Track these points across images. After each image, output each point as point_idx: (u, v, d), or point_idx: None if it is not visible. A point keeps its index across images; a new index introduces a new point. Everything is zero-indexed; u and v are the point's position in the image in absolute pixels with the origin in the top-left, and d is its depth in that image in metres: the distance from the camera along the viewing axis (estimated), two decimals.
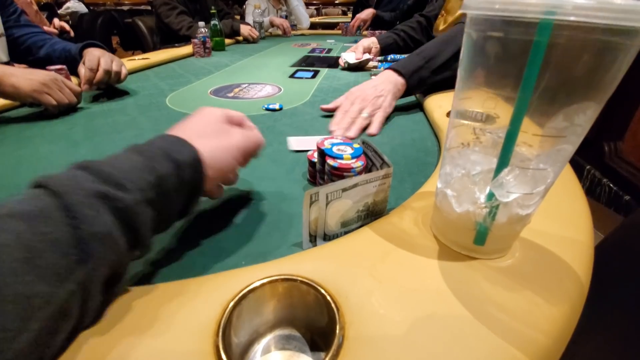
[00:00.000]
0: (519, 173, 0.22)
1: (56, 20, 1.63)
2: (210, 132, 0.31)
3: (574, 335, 0.23)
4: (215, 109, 0.35)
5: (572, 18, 0.18)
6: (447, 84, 0.68)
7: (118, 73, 0.79)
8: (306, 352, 0.25)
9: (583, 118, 0.22)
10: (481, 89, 0.24)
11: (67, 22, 2.61)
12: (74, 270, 0.18)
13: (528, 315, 0.22)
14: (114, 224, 0.21)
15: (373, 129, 0.58)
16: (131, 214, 0.22)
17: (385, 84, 0.63)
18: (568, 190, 0.37)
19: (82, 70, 0.75)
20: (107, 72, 0.76)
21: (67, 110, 0.68)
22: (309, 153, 0.41)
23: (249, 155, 0.34)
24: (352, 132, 0.52)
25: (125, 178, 0.23)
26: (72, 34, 1.67)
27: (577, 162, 1.61)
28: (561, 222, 0.31)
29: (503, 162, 0.22)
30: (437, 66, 0.65)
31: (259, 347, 0.25)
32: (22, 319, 0.16)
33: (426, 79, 0.66)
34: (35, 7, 1.56)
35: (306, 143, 0.54)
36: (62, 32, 1.62)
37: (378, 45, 1.15)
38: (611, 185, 1.59)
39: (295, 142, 0.54)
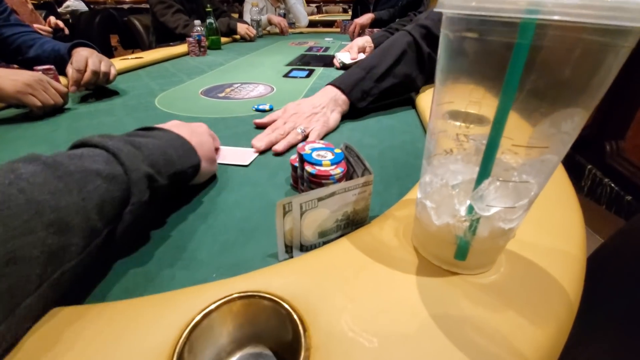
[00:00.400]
0: (499, 185, 0.20)
1: (52, 18, 1.62)
2: (204, 148, 0.40)
3: (563, 351, 0.22)
4: (205, 128, 0.45)
5: (556, 17, 0.16)
6: (397, 92, 0.68)
7: (107, 74, 0.77)
8: None
9: (571, 125, 0.20)
10: (462, 93, 0.23)
11: (66, 20, 2.59)
12: (117, 221, 0.28)
13: (510, 338, 0.20)
14: (149, 196, 0.30)
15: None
16: (157, 193, 0.31)
17: (323, 99, 0.60)
18: (560, 196, 0.35)
19: (70, 71, 0.73)
20: (95, 73, 0.74)
21: (52, 111, 0.67)
22: (292, 157, 0.40)
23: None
24: (280, 147, 0.50)
25: (162, 167, 0.31)
26: (66, 31, 1.65)
27: (578, 162, 1.58)
28: (552, 233, 0.29)
29: (484, 172, 0.21)
30: (379, 75, 0.63)
31: None
32: (85, 239, 0.24)
33: (370, 90, 0.64)
34: (30, 5, 1.54)
35: (235, 156, 0.49)
36: (56, 31, 1.60)
37: (372, 45, 1.13)
38: (612, 185, 1.56)
39: (223, 154, 0.50)
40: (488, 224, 0.21)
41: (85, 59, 0.74)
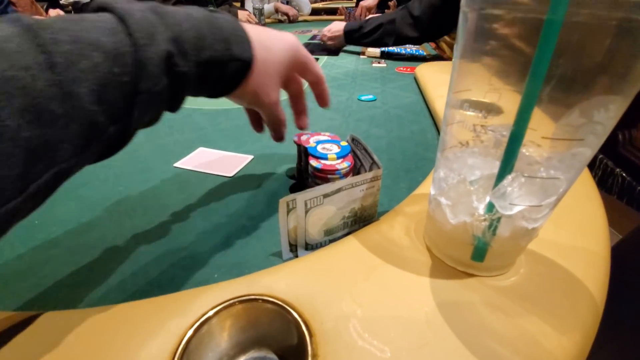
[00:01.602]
0: (524, 181, 0.18)
1: (51, 11, 1.58)
2: (270, 70, 0.29)
3: None
4: (290, 43, 0.31)
5: None
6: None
7: None
8: None
9: (604, 115, 0.18)
10: (481, 79, 0.20)
11: (69, 12, 2.56)
12: (125, 115, 0.20)
13: (533, 346, 0.18)
14: (166, 87, 0.22)
15: None
16: (182, 81, 0.23)
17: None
18: (581, 191, 0.33)
19: None
20: None
21: None
22: (296, 139, 0.37)
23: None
24: None
25: (189, 47, 0.23)
26: None
27: None
28: (573, 230, 0.27)
29: (506, 167, 0.19)
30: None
31: None
32: (83, 134, 0.18)
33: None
34: None
35: (221, 164, 0.44)
36: None
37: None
38: (624, 175, 1.52)
39: (208, 161, 0.45)
40: (510, 223, 0.20)
41: None
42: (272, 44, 0.29)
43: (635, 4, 0.14)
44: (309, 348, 0.19)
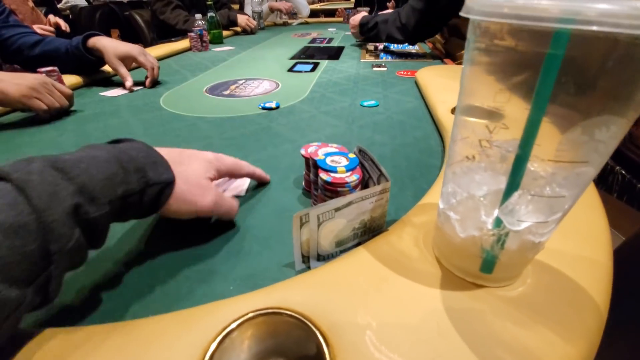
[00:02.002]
0: (531, 199, 0.19)
1: (51, 17, 1.59)
2: (191, 180, 0.31)
3: None
4: (207, 158, 0.34)
5: (594, 28, 0.15)
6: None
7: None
8: None
9: (606, 133, 0.19)
10: (486, 97, 0.21)
11: (66, 16, 2.57)
12: (40, 274, 0.20)
13: (541, 356, 0.19)
14: (81, 236, 0.22)
15: None
16: (96, 225, 0.23)
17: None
18: (582, 199, 0.34)
19: (149, 67, 0.83)
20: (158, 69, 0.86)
21: (59, 114, 0.66)
22: (304, 152, 0.38)
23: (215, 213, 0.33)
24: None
25: (99, 192, 0.23)
26: (68, 30, 1.63)
27: None
28: (577, 239, 0.28)
29: (512, 184, 0.20)
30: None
31: None
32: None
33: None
34: (31, 3, 1.52)
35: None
36: (57, 29, 1.58)
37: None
38: (624, 172, 1.53)
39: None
40: (517, 237, 0.21)
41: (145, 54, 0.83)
42: (188, 160, 0.32)
43: (633, 39, 0.15)
44: (328, 359, 0.20)
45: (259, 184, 0.42)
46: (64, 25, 1.62)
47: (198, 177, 0.31)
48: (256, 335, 0.23)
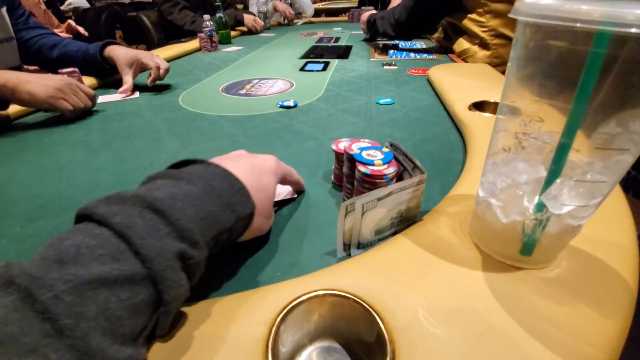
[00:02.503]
0: (574, 184, 0.21)
1: (72, 22, 1.59)
2: (266, 211, 0.30)
3: None
4: (273, 170, 0.33)
5: (633, 30, 0.17)
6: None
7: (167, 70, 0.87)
8: None
9: None
10: (527, 93, 0.23)
11: (69, 17, 2.58)
12: (147, 325, 0.20)
13: (584, 331, 0.21)
14: (186, 281, 0.21)
15: None
16: (197, 269, 0.23)
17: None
18: None
19: (154, 68, 0.83)
20: (167, 70, 0.87)
21: (82, 114, 0.68)
22: (335, 147, 0.40)
23: None
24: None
25: (199, 234, 0.22)
26: (86, 34, 1.64)
27: None
28: (603, 224, 0.30)
29: (555, 172, 0.21)
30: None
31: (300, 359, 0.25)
32: None
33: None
34: (43, 6, 1.54)
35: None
36: (78, 36, 1.59)
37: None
38: (635, 173, 1.54)
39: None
40: (558, 221, 0.22)
41: (153, 57, 0.84)
42: (262, 180, 0.30)
43: None
44: (386, 335, 0.21)
45: None
46: (82, 31, 1.62)
47: (269, 205, 0.30)
48: (313, 317, 0.24)
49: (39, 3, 1.42)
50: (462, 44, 1.07)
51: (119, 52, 0.83)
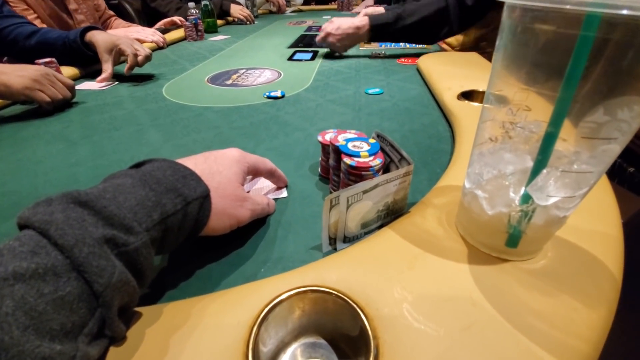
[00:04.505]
0: (560, 175, 0.20)
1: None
2: (228, 192, 0.29)
3: None
4: (234, 157, 0.32)
5: (624, 12, 0.16)
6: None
7: (148, 57, 0.84)
8: (333, 359, 0.24)
9: (628, 114, 0.20)
10: (513, 80, 0.22)
11: None
12: (87, 322, 0.18)
13: (568, 322, 0.21)
14: (126, 271, 0.20)
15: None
16: (138, 257, 0.21)
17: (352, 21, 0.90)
18: None
19: (130, 55, 0.79)
20: (147, 58, 0.84)
21: (61, 106, 0.65)
22: (320, 138, 0.39)
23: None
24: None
25: (132, 219, 0.21)
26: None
27: None
28: (589, 215, 0.30)
29: (541, 163, 0.21)
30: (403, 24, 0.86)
31: (285, 357, 0.24)
32: None
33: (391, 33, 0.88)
34: None
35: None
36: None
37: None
38: (620, 161, 1.57)
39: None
40: (544, 212, 0.22)
41: (132, 43, 0.81)
42: (217, 166, 0.29)
43: None
44: (370, 331, 0.21)
45: None
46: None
47: (233, 188, 0.29)
48: (296, 313, 0.24)
49: None
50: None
51: (99, 38, 0.80)
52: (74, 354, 0.17)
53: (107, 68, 0.79)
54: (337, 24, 0.91)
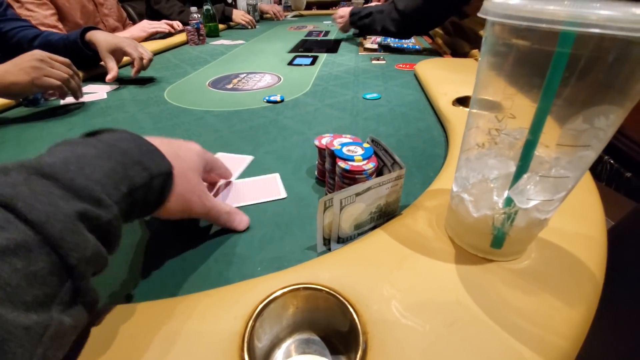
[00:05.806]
0: (539, 180, 0.22)
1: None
2: (189, 177, 0.30)
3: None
4: (196, 150, 0.33)
5: (596, 30, 0.17)
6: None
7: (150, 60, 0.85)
8: (326, 355, 0.25)
9: (605, 122, 0.21)
10: (497, 89, 0.24)
11: None
12: (58, 292, 0.18)
13: (549, 320, 0.22)
14: (96, 242, 0.20)
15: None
16: (109, 229, 0.21)
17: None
18: (579, 183, 0.36)
19: (137, 58, 0.80)
20: (150, 60, 0.85)
21: (74, 93, 0.66)
22: (317, 142, 0.40)
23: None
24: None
25: (101, 191, 0.21)
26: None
27: None
28: (574, 218, 0.31)
29: (522, 168, 0.22)
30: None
31: (279, 352, 0.25)
32: (27, 350, 0.16)
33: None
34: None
35: (264, 189, 0.42)
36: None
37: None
38: (612, 162, 1.58)
39: (244, 191, 0.41)
40: (526, 215, 0.23)
41: (136, 46, 0.82)
42: (182, 153, 0.30)
43: (629, 41, 0.17)
44: (359, 327, 0.22)
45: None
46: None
47: (194, 175, 0.30)
48: (290, 310, 0.25)
49: None
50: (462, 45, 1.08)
51: (100, 37, 0.81)
52: (48, 323, 0.17)
53: (113, 66, 0.81)
54: (340, 13, 1.30)
